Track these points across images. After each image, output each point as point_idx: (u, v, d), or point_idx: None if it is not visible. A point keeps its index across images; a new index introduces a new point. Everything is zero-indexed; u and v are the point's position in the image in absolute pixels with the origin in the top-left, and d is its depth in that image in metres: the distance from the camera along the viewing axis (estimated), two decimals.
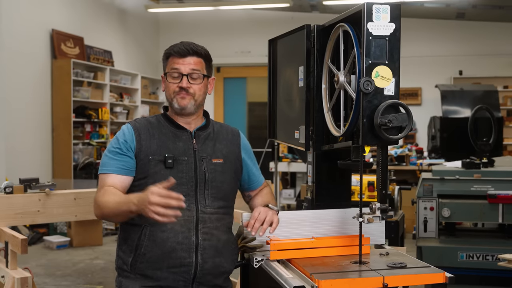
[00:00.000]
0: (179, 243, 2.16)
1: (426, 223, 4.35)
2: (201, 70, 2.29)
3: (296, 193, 8.88)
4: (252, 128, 11.92)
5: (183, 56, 2.26)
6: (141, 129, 2.26)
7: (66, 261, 6.24)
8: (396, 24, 2.03)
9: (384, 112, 1.97)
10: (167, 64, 2.30)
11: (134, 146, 2.22)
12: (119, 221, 2.21)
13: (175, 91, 2.26)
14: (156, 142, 2.23)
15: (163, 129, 2.28)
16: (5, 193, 3.42)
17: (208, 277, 2.22)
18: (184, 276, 2.17)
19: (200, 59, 2.30)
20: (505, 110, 10.69)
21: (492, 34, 10.84)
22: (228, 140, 2.38)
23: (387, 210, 2.05)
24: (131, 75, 9.99)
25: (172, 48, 2.29)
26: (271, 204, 2.33)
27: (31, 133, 7.74)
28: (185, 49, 2.26)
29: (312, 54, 2.46)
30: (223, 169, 2.29)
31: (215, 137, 2.35)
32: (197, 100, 2.30)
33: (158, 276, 2.17)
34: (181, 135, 2.28)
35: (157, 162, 2.20)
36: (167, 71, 2.28)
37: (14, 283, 2.94)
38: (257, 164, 2.52)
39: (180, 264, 2.16)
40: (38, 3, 7.94)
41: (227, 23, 11.62)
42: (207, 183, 2.24)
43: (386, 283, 1.87)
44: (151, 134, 2.25)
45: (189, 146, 2.26)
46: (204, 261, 2.19)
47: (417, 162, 7.82)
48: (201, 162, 2.25)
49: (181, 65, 2.26)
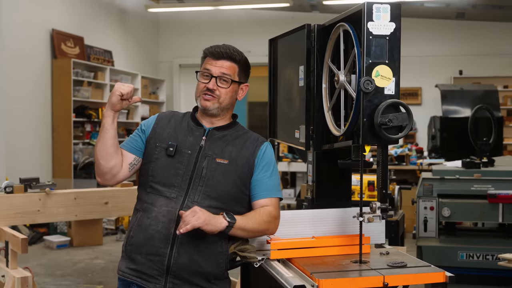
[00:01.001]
0: (158, 232, 2.19)
1: (426, 222, 4.35)
2: (232, 75, 2.31)
3: (296, 192, 8.88)
4: (252, 128, 11.81)
5: (217, 58, 2.31)
6: (164, 118, 2.39)
7: (66, 261, 6.24)
8: (397, 24, 2.03)
9: (384, 111, 1.98)
10: (203, 63, 2.36)
11: (150, 131, 2.35)
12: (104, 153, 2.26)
13: (202, 90, 2.32)
14: (169, 131, 2.32)
15: (183, 122, 2.36)
16: (6, 192, 3.42)
17: (183, 273, 2.17)
18: (158, 265, 2.18)
19: (234, 64, 2.32)
20: (505, 110, 10.69)
21: (492, 34, 10.84)
22: (244, 145, 2.32)
23: (387, 210, 2.05)
24: (131, 75, 9.99)
25: (209, 49, 2.35)
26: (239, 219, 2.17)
27: (31, 133, 7.74)
28: (220, 52, 2.31)
29: (312, 54, 2.46)
30: (226, 170, 2.25)
31: (230, 140, 2.32)
32: (222, 103, 2.31)
33: (138, 260, 2.22)
34: (196, 131, 2.33)
35: (162, 149, 2.29)
36: (200, 70, 2.35)
37: (14, 283, 2.94)
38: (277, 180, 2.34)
39: (156, 253, 2.18)
40: (38, 3, 7.94)
41: (227, 23, 11.62)
42: (202, 179, 2.22)
43: (386, 282, 1.87)
44: (169, 124, 2.35)
45: (197, 141, 2.30)
46: (179, 255, 2.17)
47: (417, 161, 7.82)
48: (203, 159, 2.25)
49: (213, 66, 2.31)
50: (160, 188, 2.24)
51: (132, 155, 2.33)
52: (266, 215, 2.24)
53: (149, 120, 2.41)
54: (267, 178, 2.30)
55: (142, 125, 2.39)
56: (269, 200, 2.28)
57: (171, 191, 2.22)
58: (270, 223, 2.24)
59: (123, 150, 2.33)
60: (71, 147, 8.07)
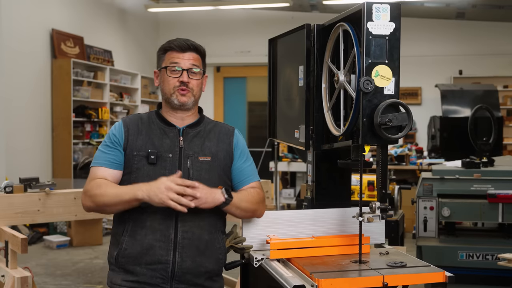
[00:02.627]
0: (158, 241, 2.15)
1: (426, 222, 4.35)
2: (200, 67, 2.30)
3: (296, 192, 8.88)
4: (252, 127, 11.92)
5: (184, 51, 2.27)
6: (131, 124, 2.27)
7: (66, 261, 6.24)
8: (396, 24, 2.03)
9: (384, 111, 1.98)
10: (165, 59, 2.29)
11: (123, 140, 2.24)
12: (114, 211, 2.20)
13: (176, 86, 2.25)
14: (143, 138, 2.24)
15: (152, 126, 2.28)
16: (5, 192, 3.42)
17: (188, 276, 2.18)
18: (162, 273, 2.15)
19: (198, 56, 2.32)
20: (505, 110, 10.69)
21: (492, 34, 10.84)
22: (219, 138, 2.33)
23: (386, 210, 2.05)
24: (131, 75, 9.99)
25: (172, 42, 2.29)
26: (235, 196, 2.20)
27: (31, 133, 7.74)
28: (185, 44, 2.28)
29: (312, 54, 2.46)
30: (210, 167, 2.25)
31: (205, 135, 2.31)
32: (195, 95, 2.30)
33: (137, 272, 2.17)
34: (169, 132, 2.26)
35: (141, 158, 2.20)
36: (166, 65, 2.27)
37: (14, 283, 2.94)
38: (253, 165, 2.41)
39: (158, 261, 2.15)
40: (38, 3, 7.94)
41: (227, 23, 11.62)
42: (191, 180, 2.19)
43: (386, 282, 1.87)
44: (139, 130, 2.26)
45: (175, 143, 2.24)
46: (183, 260, 2.16)
47: (417, 161, 7.82)
48: (186, 160, 2.22)
49: (181, 59, 2.26)
50: None
51: (119, 171, 2.23)
52: (255, 195, 2.30)
53: (115, 129, 2.27)
54: (247, 165, 2.36)
55: (112, 136, 2.26)
56: (254, 184, 2.35)
57: None
58: (259, 203, 2.30)
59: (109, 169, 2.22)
60: (71, 147, 8.07)
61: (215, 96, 12.08)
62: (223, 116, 12.01)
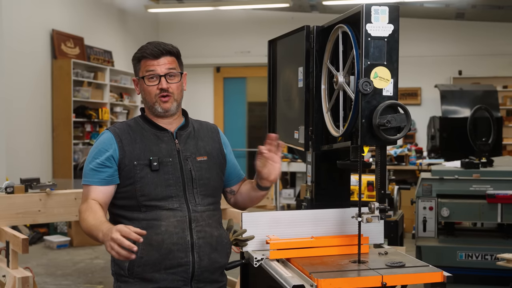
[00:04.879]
0: (175, 244, 2.17)
1: (425, 222, 4.36)
2: (176, 69, 2.29)
3: (296, 193, 8.89)
4: (252, 128, 11.92)
5: (157, 57, 2.24)
6: (122, 134, 2.24)
7: (67, 261, 6.25)
8: (395, 25, 2.04)
9: (383, 112, 1.99)
10: (140, 68, 2.27)
11: (117, 154, 2.20)
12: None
13: (156, 93, 2.24)
14: (139, 146, 2.22)
15: (144, 132, 2.26)
16: (6, 193, 3.43)
17: (206, 273, 2.23)
18: (183, 275, 2.18)
19: (173, 58, 2.29)
20: (504, 110, 10.69)
21: (492, 34, 10.85)
22: (209, 137, 2.38)
23: (385, 210, 2.07)
24: (131, 75, 9.99)
25: (144, 51, 2.25)
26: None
27: (32, 133, 7.75)
28: (158, 50, 2.24)
29: (312, 55, 2.47)
30: (208, 165, 2.30)
31: (196, 135, 2.35)
32: (177, 99, 2.29)
33: (156, 278, 2.17)
34: (163, 137, 2.27)
35: (143, 166, 2.19)
36: (143, 75, 2.25)
37: (15, 283, 2.95)
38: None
39: (178, 264, 2.17)
40: (39, 3, 7.95)
41: (227, 23, 11.63)
42: (194, 181, 2.25)
43: (385, 282, 1.88)
44: (133, 138, 2.23)
45: (172, 147, 2.26)
46: (200, 259, 2.20)
47: (416, 162, 7.83)
48: (186, 162, 2.25)
49: (156, 66, 2.23)
50: (159, 204, 2.18)
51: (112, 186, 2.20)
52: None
53: (105, 143, 2.21)
54: (235, 160, 2.49)
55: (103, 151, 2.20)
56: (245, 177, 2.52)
57: (171, 202, 2.19)
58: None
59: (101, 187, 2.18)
60: (71, 148, 8.08)
61: (215, 96, 12.08)
62: (223, 116, 12.01)
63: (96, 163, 2.20)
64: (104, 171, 2.20)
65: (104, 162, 2.20)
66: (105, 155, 2.20)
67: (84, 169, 2.25)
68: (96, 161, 2.21)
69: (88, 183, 2.21)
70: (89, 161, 2.24)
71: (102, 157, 2.20)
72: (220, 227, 2.33)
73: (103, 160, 2.20)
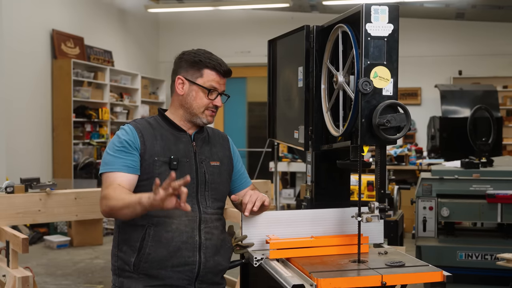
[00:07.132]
0: (184, 243, 2.20)
1: (425, 222, 4.36)
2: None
3: (296, 192, 8.89)
4: (252, 128, 11.92)
5: (225, 76, 2.34)
6: (144, 129, 2.26)
7: (67, 261, 6.25)
8: (395, 25, 2.05)
9: (383, 112, 1.99)
10: (203, 76, 2.28)
11: (139, 145, 2.21)
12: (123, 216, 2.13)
13: (209, 107, 2.31)
14: (159, 143, 2.25)
15: (163, 131, 2.30)
16: (6, 192, 3.43)
17: (209, 275, 2.27)
18: (188, 274, 2.21)
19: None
20: (504, 110, 10.69)
21: (492, 34, 10.85)
22: (220, 144, 2.45)
23: (385, 210, 2.07)
24: (131, 75, 10.00)
25: (217, 64, 2.30)
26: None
27: (32, 133, 7.76)
28: (228, 70, 2.34)
29: (311, 55, 2.47)
30: (220, 171, 2.36)
31: (210, 141, 2.40)
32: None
33: (162, 275, 2.20)
34: (182, 137, 2.31)
35: (162, 163, 2.21)
36: (205, 85, 2.28)
37: (15, 282, 2.95)
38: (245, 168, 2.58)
39: (185, 263, 2.20)
40: (39, 3, 7.95)
41: (227, 23, 11.63)
42: (207, 184, 2.30)
43: (385, 281, 1.88)
44: (154, 135, 2.26)
45: (189, 148, 2.30)
46: (206, 260, 2.24)
47: (416, 161, 7.83)
48: (201, 164, 2.30)
49: (222, 84, 2.34)
50: None
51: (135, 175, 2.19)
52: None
53: (128, 135, 2.22)
54: (244, 169, 2.53)
55: (125, 141, 2.20)
56: (251, 186, 2.52)
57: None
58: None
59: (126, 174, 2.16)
60: (71, 147, 8.09)
61: None
62: (223, 116, 12.01)
63: (118, 151, 2.18)
64: (127, 158, 2.18)
65: (126, 148, 2.18)
66: (128, 143, 2.20)
67: (104, 158, 2.22)
68: (118, 149, 2.18)
69: (111, 170, 2.17)
70: (110, 150, 2.21)
71: (125, 144, 2.19)
72: (225, 232, 2.38)
73: (125, 147, 2.19)
